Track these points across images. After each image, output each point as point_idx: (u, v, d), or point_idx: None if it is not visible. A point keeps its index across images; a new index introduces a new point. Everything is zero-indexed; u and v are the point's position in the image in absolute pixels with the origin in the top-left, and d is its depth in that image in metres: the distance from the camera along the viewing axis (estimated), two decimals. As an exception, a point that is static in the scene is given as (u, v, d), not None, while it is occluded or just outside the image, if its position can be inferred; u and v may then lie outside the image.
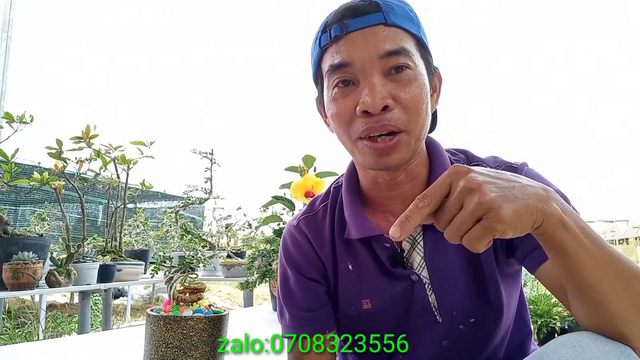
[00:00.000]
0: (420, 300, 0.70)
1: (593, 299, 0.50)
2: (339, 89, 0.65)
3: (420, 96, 0.63)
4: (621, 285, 0.49)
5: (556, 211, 0.47)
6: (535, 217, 0.46)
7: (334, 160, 1.91)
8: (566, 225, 0.48)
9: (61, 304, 4.60)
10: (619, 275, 0.49)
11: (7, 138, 2.09)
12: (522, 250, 0.65)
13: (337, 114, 0.65)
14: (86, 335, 2.24)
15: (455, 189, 0.47)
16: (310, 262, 0.77)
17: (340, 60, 0.63)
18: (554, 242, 0.48)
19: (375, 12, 0.63)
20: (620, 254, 0.50)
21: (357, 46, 0.62)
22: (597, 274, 0.49)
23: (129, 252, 3.12)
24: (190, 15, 22.91)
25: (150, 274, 1.11)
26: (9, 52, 5.26)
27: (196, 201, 1.18)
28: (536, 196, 0.47)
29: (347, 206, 0.75)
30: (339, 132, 0.68)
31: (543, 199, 0.47)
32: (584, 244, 0.48)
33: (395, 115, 0.62)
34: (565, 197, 0.65)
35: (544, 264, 0.62)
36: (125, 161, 2.75)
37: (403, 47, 0.63)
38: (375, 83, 0.61)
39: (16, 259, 1.99)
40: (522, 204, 0.45)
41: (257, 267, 1.94)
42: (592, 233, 0.50)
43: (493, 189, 0.45)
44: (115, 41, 17.99)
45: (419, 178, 0.72)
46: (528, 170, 0.69)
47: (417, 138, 0.65)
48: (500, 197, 0.45)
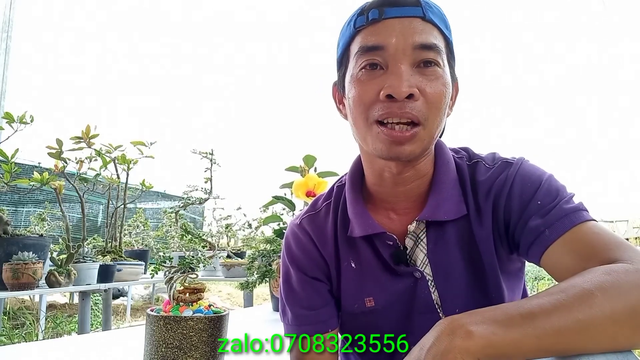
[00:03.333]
0: (423, 297, 0.71)
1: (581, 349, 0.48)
2: (365, 71, 0.65)
3: (443, 93, 0.64)
4: (585, 324, 0.46)
5: (462, 342, 0.45)
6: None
7: (335, 160, 1.91)
8: (488, 342, 0.45)
9: (61, 304, 4.60)
10: (575, 322, 0.46)
11: (7, 138, 2.09)
12: (524, 243, 0.65)
13: (360, 95, 0.65)
14: (86, 336, 2.24)
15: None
16: (313, 261, 0.77)
17: (373, 43, 0.64)
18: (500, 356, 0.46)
19: (415, 6, 0.64)
20: (560, 300, 0.47)
21: (393, 32, 0.63)
22: (559, 344, 0.46)
23: (129, 252, 3.12)
24: (190, 15, 22.95)
25: (150, 274, 1.11)
26: (9, 52, 5.26)
27: (196, 201, 1.18)
28: (439, 354, 0.45)
29: (351, 204, 0.75)
30: (355, 114, 0.67)
31: (446, 350, 0.45)
32: (518, 337, 0.45)
33: (417, 106, 0.62)
34: (561, 189, 0.66)
35: (546, 252, 0.61)
36: (125, 161, 2.75)
37: (436, 44, 0.64)
38: (404, 70, 0.62)
39: (16, 259, 1.99)
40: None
41: (257, 267, 1.94)
42: (524, 309, 0.47)
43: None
44: (115, 41, 18.00)
45: (425, 177, 0.72)
46: (525, 164, 0.70)
47: (431, 136, 0.65)
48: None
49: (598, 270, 0.51)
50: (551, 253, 0.61)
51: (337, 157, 1.51)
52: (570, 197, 0.65)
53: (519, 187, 0.67)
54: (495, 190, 0.69)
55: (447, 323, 0.47)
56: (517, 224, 0.66)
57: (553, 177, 0.68)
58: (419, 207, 0.72)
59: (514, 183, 0.68)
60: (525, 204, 0.65)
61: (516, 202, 0.66)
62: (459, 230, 0.70)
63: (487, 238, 0.69)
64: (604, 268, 0.51)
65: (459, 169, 0.73)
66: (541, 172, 0.68)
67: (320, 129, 3.79)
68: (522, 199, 0.66)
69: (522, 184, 0.67)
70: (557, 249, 0.60)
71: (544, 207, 0.63)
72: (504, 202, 0.68)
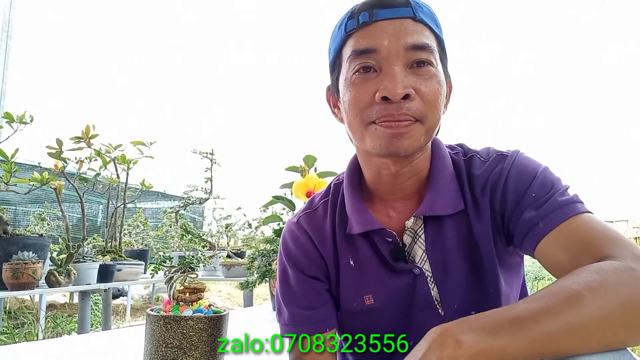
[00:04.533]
0: (422, 293, 0.71)
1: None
2: (359, 75, 0.65)
3: (439, 91, 0.64)
4: (581, 328, 0.46)
5: (452, 352, 0.45)
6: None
7: (335, 160, 1.91)
8: (478, 351, 0.45)
9: (61, 304, 4.60)
10: (565, 324, 0.46)
11: (7, 138, 2.09)
12: (519, 235, 0.65)
13: (355, 98, 0.65)
14: (86, 335, 2.24)
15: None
16: (311, 260, 0.77)
17: (366, 46, 0.64)
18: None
19: (405, 7, 0.64)
20: (550, 304, 0.47)
21: (384, 34, 0.63)
22: (550, 348, 0.46)
23: (128, 252, 3.12)
24: (190, 15, 22.94)
25: (150, 274, 1.11)
26: (9, 52, 5.26)
27: (196, 201, 1.18)
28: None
29: (349, 201, 0.75)
30: (351, 117, 0.67)
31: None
32: (507, 343, 0.46)
33: (414, 106, 0.62)
34: (556, 181, 0.66)
35: (540, 243, 0.61)
36: (125, 161, 2.75)
37: (428, 44, 0.64)
38: (398, 72, 0.62)
39: (16, 259, 1.99)
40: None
41: (257, 267, 1.94)
42: (512, 314, 0.48)
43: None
44: (115, 41, 18.00)
45: (422, 173, 0.72)
46: (519, 157, 0.70)
47: (428, 131, 0.65)
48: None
49: (587, 270, 0.51)
50: (544, 245, 0.61)
51: (337, 157, 1.51)
52: (565, 189, 0.65)
53: (514, 180, 0.67)
54: (491, 183, 0.69)
55: (437, 333, 0.48)
56: (512, 215, 0.66)
57: (548, 169, 0.68)
58: (416, 203, 0.73)
59: (509, 175, 0.68)
60: (520, 195, 0.66)
61: (511, 194, 0.67)
62: (457, 225, 0.70)
63: (485, 232, 0.69)
64: (593, 267, 0.51)
65: (455, 165, 0.74)
66: (536, 165, 0.69)
67: (320, 129, 3.80)
68: (517, 191, 0.66)
69: (517, 176, 0.67)
70: (550, 241, 0.60)
71: (539, 199, 0.64)
72: (499, 195, 0.68)
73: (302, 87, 27.27)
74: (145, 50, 20.03)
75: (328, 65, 0.74)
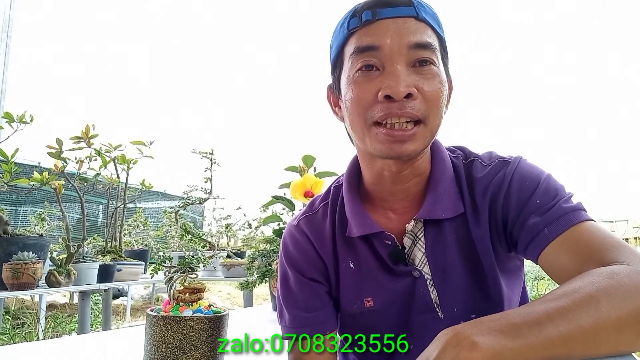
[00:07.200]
0: (422, 296, 0.71)
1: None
2: (361, 73, 0.65)
3: (441, 91, 0.64)
4: (591, 333, 0.46)
5: (468, 354, 0.44)
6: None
7: (334, 160, 1.91)
8: (494, 353, 0.44)
9: (61, 304, 4.60)
10: (582, 329, 0.46)
11: (7, 138, 2.09)
12: (523, 241, 0.65)
13: (357, 96, 0.65)
14: (86, 335, 2.24)
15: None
16: (310, 262, 0.77)
17: (368, 43, 0.64)
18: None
19: (408, 6, 0.64)
20: (566, 307, 0.47)
21: (387, 32, 0.63)
22: (564, 352, 0.45)
23: (128, 252, 3.13)
24: (190, 15, 22.96)
25: (150, 274, 1.11)
26: (9, 52, 5.26)
27: (196, 201, 1.18)
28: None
29: (348, 204, 0.75)
30: (353, 116, 0.66)
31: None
32: (524, 347, 0.45)
33: (417, 105, 0.62)
34: (560, 188, 0.66)
35: (544, 250, 0.61)
36: (125, 161, 2.75)
37: (431, 43, 0.64)
38: (401, 70, 0.62)
39: (16, 259, 1.99)
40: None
41: (257, 267, 1.94)
42: (530, 317, 0.47)
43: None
44: (115, 41, 18.02)
45: (423, 175, 0.72)
46: (522, 163, 0.70)
47: (431, 132, 0.65)
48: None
49: (600, 273, 0.51)
50: (549, 252, 0.61)
51: (337, 157, 1.51)
52: (569, 196, 0.65)
53: (517, 186, 0.67)
54: (492, 188, 0.69)
55: (452, 334, 0.47)
56: (516, 222, 0.66)
57: (551, 176, 0.68)
58: (416, 206, 0.72)
59: (512, 181, 0.68)
60: (523, 202, 0.65)
61: (514, 200, 0.66)
62: (456, 228, 0.70)
63: (483, 236, 0.69)
64: (606, 271, 0.51)
65: (455, 168, 0.74)
66: (539, 171, 0.68)
67: (320, 129, 3.80)
68: (520, 198, 0.66)
69: (520, 183, 0.67)
70: (555, 247, 0.60)
71: (543, 205, 0.63)
72: (501, 201, 0.68)
73: (302, 87, 27.26)
74: (145, 50, 20.03)
75: (329, 63, 0.74)
